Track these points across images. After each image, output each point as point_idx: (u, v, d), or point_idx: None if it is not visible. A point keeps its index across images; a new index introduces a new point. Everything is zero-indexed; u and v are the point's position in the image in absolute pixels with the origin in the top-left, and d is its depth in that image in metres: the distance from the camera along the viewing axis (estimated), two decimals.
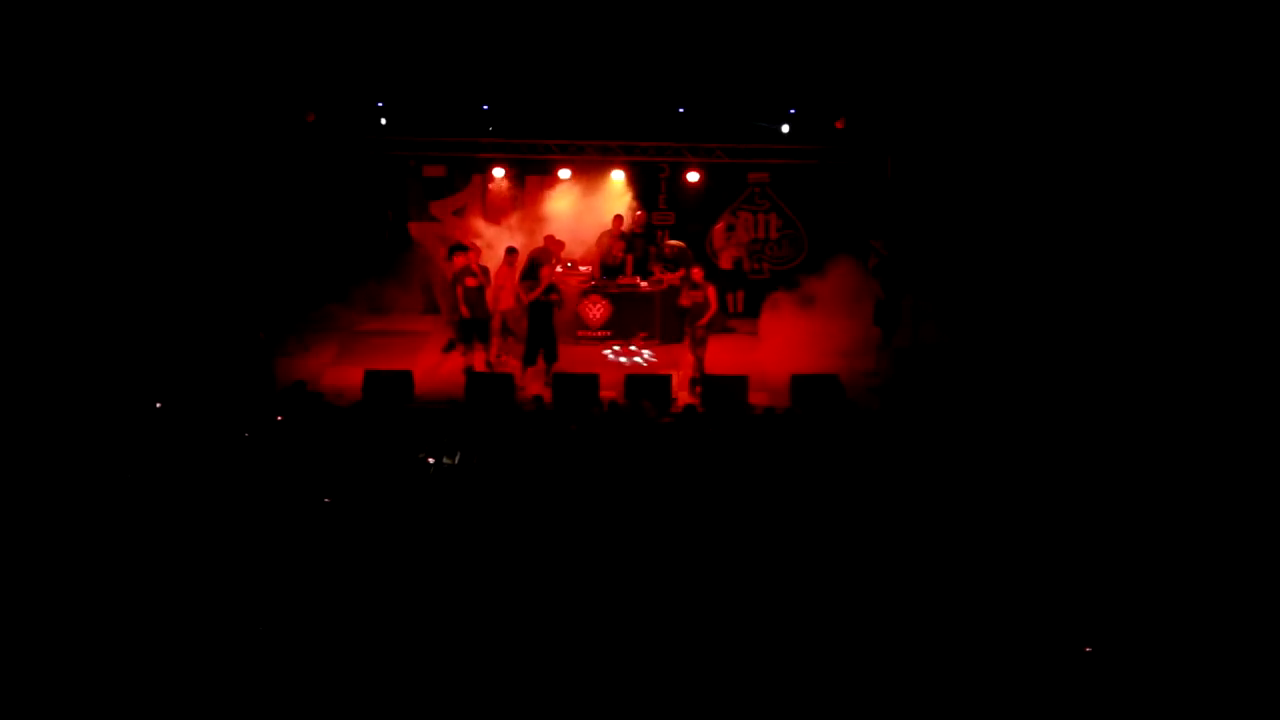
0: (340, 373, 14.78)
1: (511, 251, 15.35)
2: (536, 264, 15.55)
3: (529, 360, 14.59)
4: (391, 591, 7.92)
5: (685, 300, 14.49)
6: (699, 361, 14.43)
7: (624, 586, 8.06)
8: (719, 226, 17.18)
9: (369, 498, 9.58)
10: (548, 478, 10.15)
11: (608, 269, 16.34)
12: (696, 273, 14.68)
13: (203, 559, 8.30)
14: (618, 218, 16.42)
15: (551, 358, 14.62)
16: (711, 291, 14.45)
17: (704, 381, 14.16)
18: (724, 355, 15.62)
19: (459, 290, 14.50)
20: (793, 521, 9.28)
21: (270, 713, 6.84)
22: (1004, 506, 9.56)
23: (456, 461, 10.41)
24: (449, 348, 15.10)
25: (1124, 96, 13.59)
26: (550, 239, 16.24)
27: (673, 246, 16.47)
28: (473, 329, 14.62)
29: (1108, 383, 12.92)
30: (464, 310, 14.50)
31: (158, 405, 11.63)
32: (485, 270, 14.98)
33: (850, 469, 10.60)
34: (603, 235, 16.48)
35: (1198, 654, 7.21)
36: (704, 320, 14.40)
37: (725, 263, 17.14)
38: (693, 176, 16.80)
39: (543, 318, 14.67)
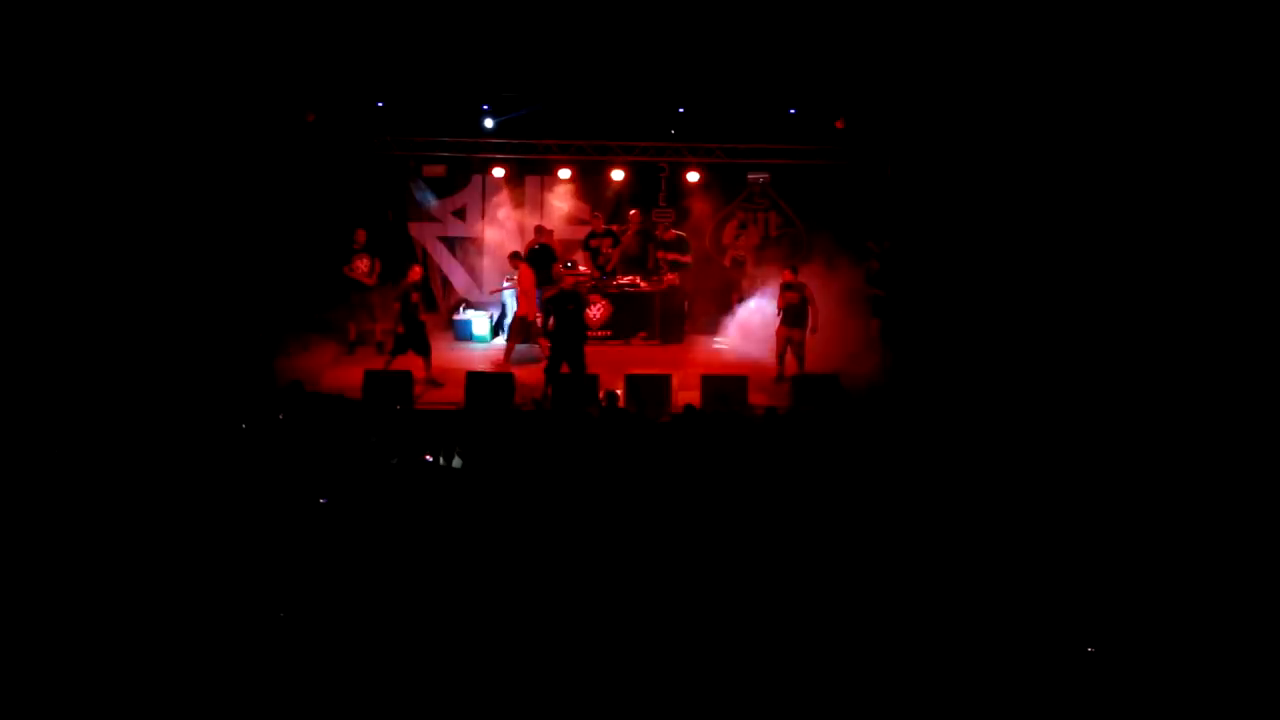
0: (340, 373, 14.79)
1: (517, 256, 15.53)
2: (549, 257, 15.56)
3: (552, 376, 13.85)
4: (389, 592, 7.92)
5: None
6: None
7: (623, 587, 8.06)
8: (730, 225, 17.19)
9: (366, 498, 9.58)
10: (546, 478, 10.14)
11: (602, 269, 16.38)
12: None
13: (200, 558, 8.30)
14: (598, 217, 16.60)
15: (579, 371, 13.84)
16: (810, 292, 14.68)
17: (705, 382, 14.13)
18: (723, 355, 15.68)
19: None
20: (793, 522, 9.27)
21: (269, 712, 6.84)
22: (1005, 506, 9.55)
23: (452, 462, 10.41)
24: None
25: (1124, 97, 13.58)
26: (541, 229, 16.35)
27: (677, 236, 16.55)
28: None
29: (1108, 381, 12.91)
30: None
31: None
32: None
33: (850, 469, 10.59)
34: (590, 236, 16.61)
35: (1198, 654, 7.20)
36: None
37: (725, 261, 17.15)
38: (693, 176, 16.82)
39: (571, 322, 14.00)
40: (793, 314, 14.58)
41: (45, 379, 12.17)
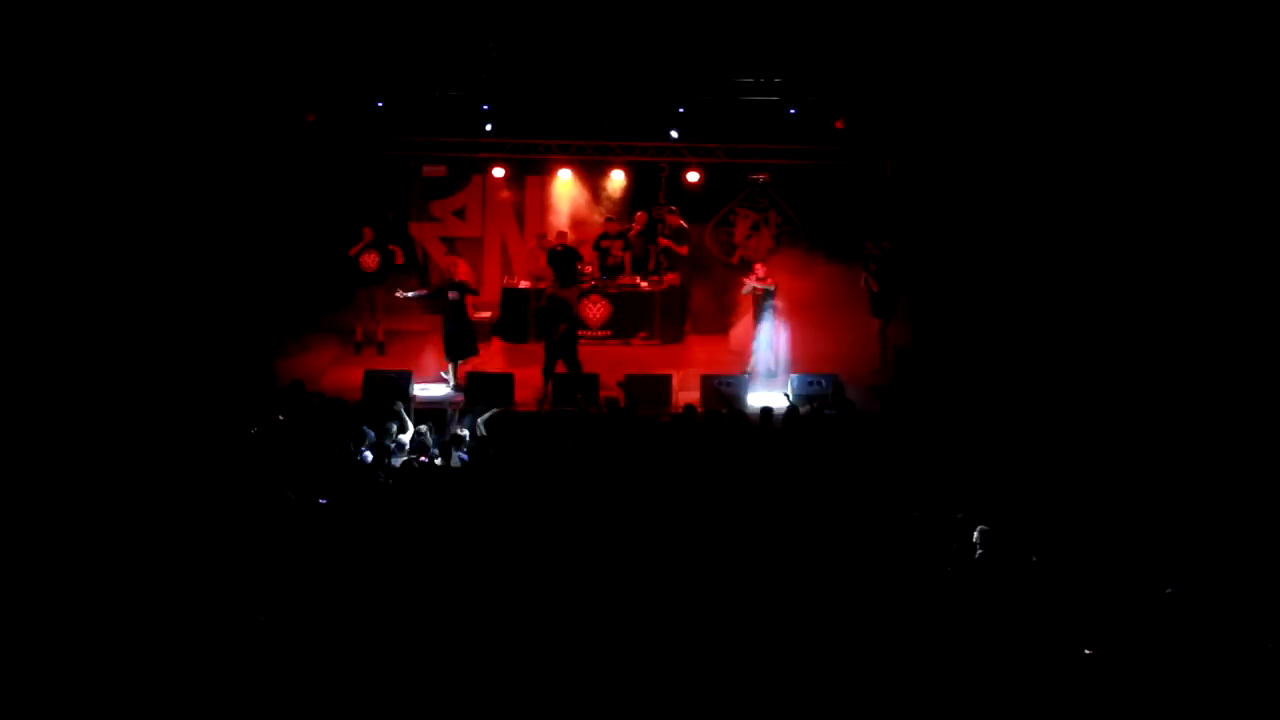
0: (340, 373, 14.79)
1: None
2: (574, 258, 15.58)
3: (549, 375, 13.96)
4: (389, 593, 7.92)
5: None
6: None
7: (623, 587, 8.06)
8: (742, 225, 17.18)
9: (365, 498, 9.59)
10: (546, 478, 10.14)
11: (609, 269, 16.36)
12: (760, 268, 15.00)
13: (200, 558, 8.30)
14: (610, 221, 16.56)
15: (575, 371, 13.94)
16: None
17: (705, 381, 14.15)
18: (723, 355, 15.65)
19: None
20: (792, 522, 9.27)
21: (269, 712, 6.84)
22: (1003, 507, 9.55)
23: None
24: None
25: (1124, 97, 13.58)
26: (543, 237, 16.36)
27: (676, 225, 16.54)
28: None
29: (1109, 382, 12.90)
30: None
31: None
32: None
33: (850, 469, 10.59)
34: (599, 238, 16.56)
35: (1198, 656, 7.20)
36: None
37: (734, 260, 17.11)
38: (693, 176, 16.79)
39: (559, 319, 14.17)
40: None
41: (47, 379, 12.19)
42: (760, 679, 7.06)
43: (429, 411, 12.91)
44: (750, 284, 14.90)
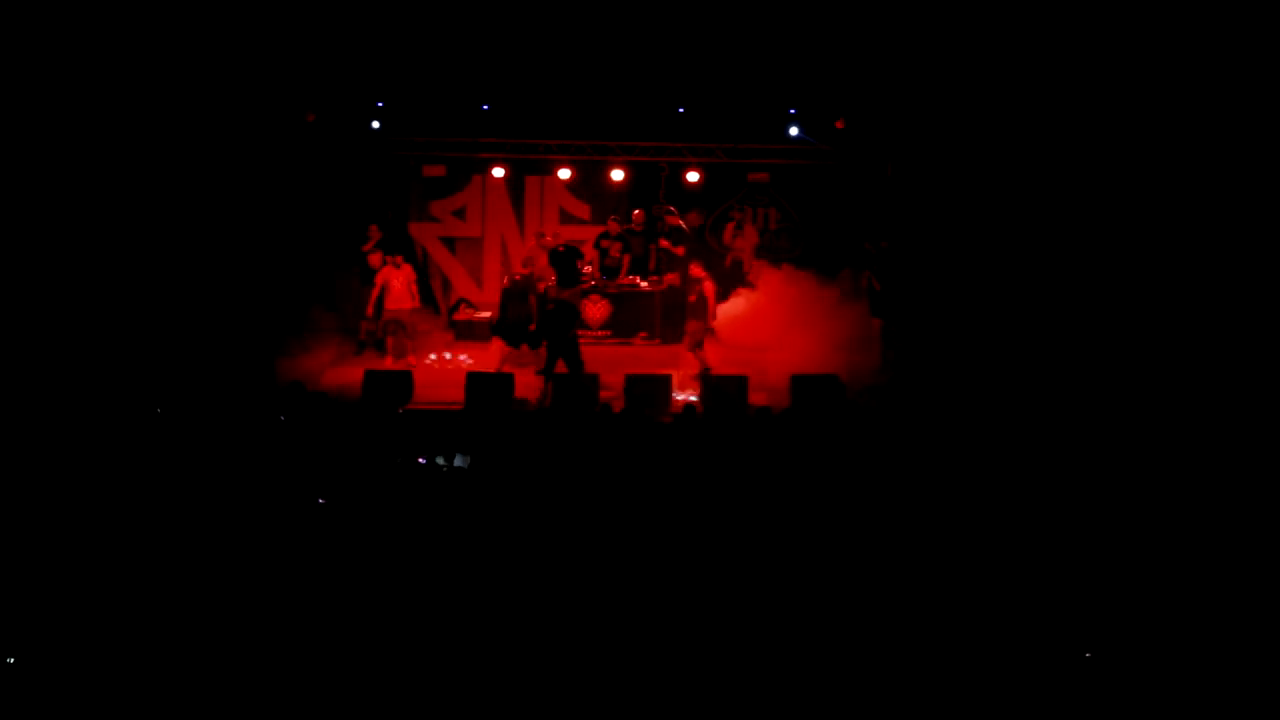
0: (340, 373, 14.79)
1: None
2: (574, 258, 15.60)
3: (549, 376, 14.07)
4: (389, 593, 7.93)
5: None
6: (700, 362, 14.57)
7: (623, 587, 8.07)
8: (730, 225, 17.20)
9: (365, 498, 9.59)
10: (546, 479, 10.15)
11: (607, 269, 16.36)
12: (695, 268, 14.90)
13: (199, 559, 8.31)
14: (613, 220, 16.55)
15: (575, 369, 14.05)
16: (708, 287, 14.68)
17: (705, 381, 14.17)
18: (723, 355, 15.65)
19: None
20: (793, 522, 9.28)
21: (269, 712, 6.85)
22: (1003, 508, 9.55)
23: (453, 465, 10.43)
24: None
25: (1124, 97, 13.57)
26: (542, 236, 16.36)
27: (674, 225, 16.53)
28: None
29: (1109, 382, 12.90)
30: None
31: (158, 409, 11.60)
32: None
33: (850, 469, 10.59)
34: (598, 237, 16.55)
35: (1198, 658, 7.20)
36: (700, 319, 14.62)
37: (726, 263, 17.13)
38: (693, 176, 16.79)
39: (560, 322, 14.33)
40: (696, 308, 15.06)
41: (48, 378, 12.18)
42: (760, 679, 7.08)
43: (431, 412, 12.94)
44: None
